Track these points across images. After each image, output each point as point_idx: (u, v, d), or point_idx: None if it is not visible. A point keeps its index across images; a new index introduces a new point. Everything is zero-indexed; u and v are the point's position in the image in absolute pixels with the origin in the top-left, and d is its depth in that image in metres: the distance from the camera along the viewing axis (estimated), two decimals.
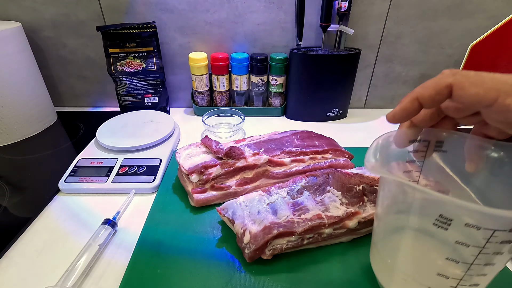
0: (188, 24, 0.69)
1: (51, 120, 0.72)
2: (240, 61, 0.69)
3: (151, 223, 0.43)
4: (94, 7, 0.67)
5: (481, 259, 0.23)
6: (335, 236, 0.39)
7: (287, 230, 0.36)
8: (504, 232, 0.21)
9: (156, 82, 0.71)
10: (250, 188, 0.47)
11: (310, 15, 0.67)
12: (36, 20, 0.68)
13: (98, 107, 0.80)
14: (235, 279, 0.35)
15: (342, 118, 0.76)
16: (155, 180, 0.50)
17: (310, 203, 0.40)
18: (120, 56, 0.69)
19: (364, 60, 0.73)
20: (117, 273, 0.37)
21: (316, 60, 0.66)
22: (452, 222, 0.22)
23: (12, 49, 0.61)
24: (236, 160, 0.47)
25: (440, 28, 0.69)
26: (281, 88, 0.72)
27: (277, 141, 0.54)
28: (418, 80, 0.76)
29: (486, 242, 0.22)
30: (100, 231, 0.40)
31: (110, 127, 0.62)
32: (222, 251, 0.39)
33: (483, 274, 0.25)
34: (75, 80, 0.76)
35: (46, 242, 0.41)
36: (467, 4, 0.66)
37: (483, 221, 0.21)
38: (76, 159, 0.54)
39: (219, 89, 0.73)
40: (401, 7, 0.67)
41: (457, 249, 0.23)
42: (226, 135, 0.65)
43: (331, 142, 0.56)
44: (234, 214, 0.40)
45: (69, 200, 0.48)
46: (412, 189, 0.24)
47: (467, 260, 0.24)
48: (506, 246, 0.22)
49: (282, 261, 0.38)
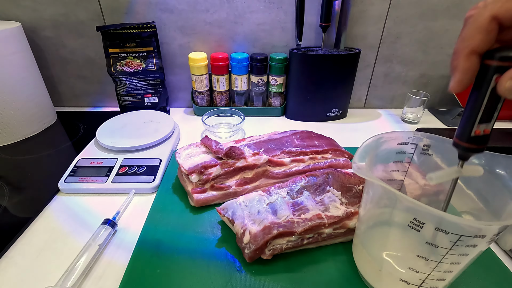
0: (188, 24, 0.69)
1: (51, 120, 0.72)
2: (240, 61, 0.69)
3: (151, 223, 0.43)
4: (94, 7, 0.67)
5: (447, 259, 0.26)
6: (335, 236, 0.39)
7: (287, 230, 0.36)
8: (469, 238, 0.24)
9: (156, 82, 0.71)
10: (250, 188, 0.47)
11: (310, 15, 0.67)
12: (36, 20, 0.68)
13: (98, 107, 0.80)
14: (235, 279, 0.35)
15: (342, 118, 0.76)
16: (155, 180, 0.50)
17: (310, 203, 0.40)
18: (120, 56, 0.69)
19: (364, 60, 0.73)
20: (117, 273, 0.37)
21: (316, 60, 0.66)
22: (424, 225, 0.25)
23: (12, 49, 0.61)
24: (236, 160, 0.47)
25: (440, 28, 0.69)
26: (281, 88, 0.72)
27: (277, 141, 0.54)
28: (418, 80, 0.76)
29: (453, 245, 0.25)
30: (100, 231, 0.40)
31: (110, 127, 0.62)
32: (222, 251, 0.39)
33: (449, 271, 0.27)
34: (75, 80, 0.76)
35: (46, 242, 0.41)
36: (467, 4, 0.66)
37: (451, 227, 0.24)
38: (76, 159, 0.54)
39: (219, 89, 0.73)
40: (401, 7, 0.67)
41: (427, 249, 0.26)
42: (226, 135, 0.65)
43: (331, 142, 0.56)
44: (234, 214, 0.40)
45: (69, 200, 0.48)
46: (392, 194, 0.25)
47: (435, 258, 0.26)
48: (471, 249, 0.25)
49: (282, 261, 0.38)
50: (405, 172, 0.36)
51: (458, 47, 0.20)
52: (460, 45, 0.20)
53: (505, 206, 0.28)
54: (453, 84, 0.21)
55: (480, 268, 0.36)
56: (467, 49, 0.20)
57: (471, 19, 0.20)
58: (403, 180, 0.36)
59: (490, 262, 0.38)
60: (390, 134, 0.33)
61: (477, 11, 0.19)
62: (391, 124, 0.73)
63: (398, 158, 0.35)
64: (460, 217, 0.23)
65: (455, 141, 0.24)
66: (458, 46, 0.20)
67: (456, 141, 0.24)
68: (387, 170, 0.35)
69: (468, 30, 0.20)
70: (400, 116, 0.76)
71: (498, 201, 0.29)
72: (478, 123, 0.22)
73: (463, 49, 0.20)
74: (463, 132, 0.23)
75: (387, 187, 0.25)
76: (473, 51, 0.20)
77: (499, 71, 0.20)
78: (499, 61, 0.19)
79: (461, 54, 0.20)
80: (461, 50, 0.20)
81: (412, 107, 0.71)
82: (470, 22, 0.20)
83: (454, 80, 0.21)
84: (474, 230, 0.24)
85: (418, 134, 0.34)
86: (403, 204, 0.27)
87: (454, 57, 0.21)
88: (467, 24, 0.20)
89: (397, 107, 0.80)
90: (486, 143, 0.23)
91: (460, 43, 0.20)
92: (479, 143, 0.23)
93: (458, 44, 0.20)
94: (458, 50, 0.20)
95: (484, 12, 0.19)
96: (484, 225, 0.24)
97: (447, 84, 0.76)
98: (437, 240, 0.25)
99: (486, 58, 0.20)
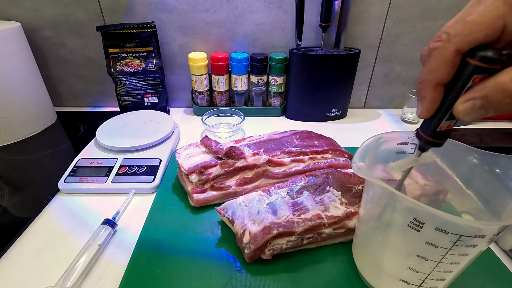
0: (187, 24, 0.69)
1: (50, 120, 0.72)
2: (239, 61, 0.69)
3: (151, 223, 0.43)
4: (94, 7, 0.67)
5: (447, 259, 0.26)
6: (334, 236, 0.39)
7: (287, 230, 0.36)
8: (469, 238, 0.24)
9: (156, 82, 0.71)
10: (249, 188, 0.47)
11: (310, 15, 0.67)
12: (35, 20, 0.68)
13: (98, 107, 0.80)
14: (235, 279, 0.35)
15: (341, 118, 0.76)
16: (155, 180, 0.50)
17: (310, 203, 0.40)
18: (119, 56, 0.69)
19: (364, 60, 0.73)
20: (116, 273, 0.37)
21: (315, 60, 0.66)
22: (424, 225, 0.25)
23: (11, 49, 0.60)
24: (236, 160, 0.47)
25: (440, 28, 0.69)
26: (281, 88, 0.72)
27: (276, 141, 0.54)
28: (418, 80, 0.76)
29: (453, 245, 0.25)
30: (100, 231, 0.40)
31: (109, 127, 0.62)
32: (222, 251, 0.39)
33: (449, 271, 0.27)
34: (74, 80, 0.76)
35: (46, 242, 0.41)
36: (466, 4, 0.66)
37: (451, 227, 0.24)
38: (76, 159, 0.54)
39: (219, 89, 0.73)
40: (400, 7, 0.67)
41: (427, 249, 0.26)
42: (225, 135, 0.65)
43: (331, 142, 0.56)
44: (234, 214, 0.40)
45: (69, 200, 0.48)
46: (392, 194, 0.26)
47: (435, 258, 0.26)
48: (471, 249, 0.25)
49: (281, 261, 0.38)
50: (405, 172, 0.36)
51: (424, 78, 0.22)
52: (426, 76, 0.22)
53: (505, 206, 0.28)
54: (422, 112, 0.23)
55: (480, 268, 0.36)
56: (434, 80, 0.21)
57: (437, 52, 0.21)
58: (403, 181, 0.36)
59: (490, 262, 0.38)
60: (390, 134, 0.33)
61: (441, 44, 0.20)
62: (391, 124, 0.73)
63: (398, 158, 0.35)
64: (460, 217, 0.23)
65: (419, 133, 0.25)
66: (424, 77, 0.22)
67: (420, 133, 0.25)
68: (386, 170, 0.35)
69: (434, 62, 0.21)
70: (400, 116, 0.76)
71: (498, 201, 0.29)
72: (446, 119, 0.22)
73: (429, 81, 0.21)
74: (428, 125, 0.24)
75: (386, 187, 0.25)
76: (439, 83, 0.21)
77: (479, 71, 0.19)
78: (480, 62, 0.19)
79: (428, 85, 0.22)
80: (428, 81, 0.22)
81: (412, 107, 0.71)
82: (436, 54, 0.21)
83: (422, 108, 0.23)
84: (474, 230, 0.24)
85: None
86: (403, 204, 0.27)
87: (421, 87, 0.22)
88: (433, 57, 0.21)
89: (397, 107, 0.80)
90: (447, 138, 0.24)
91: (426, 74, 0.22)
92: (441, 138, 0.24)
93: (425, 75, 0.22)
94: (425, 81, 0.22)
95: (449, 46, 0.20)
96: (484, 225, 0.24)
97: None
98: (437, 240, 0.25)
99: (468, 56, 0.20)
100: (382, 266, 0.31)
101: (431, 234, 0.25)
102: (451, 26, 0.20)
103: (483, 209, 0.30)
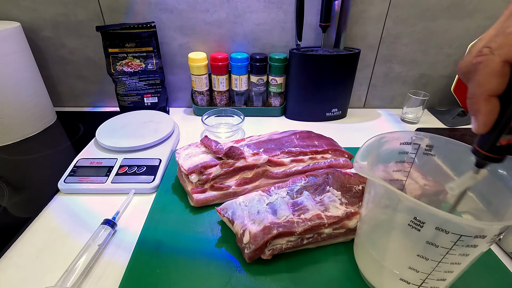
0: (187, 24, 0.69)
1: (50, 120, 0.72)
2: (239, 61, 0.69)
3: (151, 223, 0.43)
4: (94, 7, 0.67)
5: (448, 259, 0.26)
6: (334, 236, 0.39)
7: (287, 230, 0.36)
8: (470, 238, 0.24)
9: (156, 82, 0.71)
10: (249, 188, 0.47)
11: (310, 15, 0.67)
12: (35, 20, 0.68)
13: (98, 107, 0.80)
14: (234, 279, 0.35)
15: (341, 118, 0.76)
16: (155, 180, 0.50)
17: (310, 203, 0.40)
18: (119, 56, 0.69)
19: (364, 60, 0.73)
20: (116, 273, 0.37)
21: (315, 60, 0.66)
22: (424, 225, 0.25)
23: (11, 49, 0.60)
24: (236, 160, 0.47)
25: (440, 28, 0.69)
26: (281, 88, 0.72)
27: (276, 141, 0.54)
28: (418, 80, 0.76)
29: (454, 244, 0.25)
30: (100, 231, 0.40)
31: (109, 127, 0.62)
32: (221, 251, 0.39)
33: (449, 271, 0.27)
34: (74, 80, 0.76)
35: (46, 242, 0.41)
36: (466, 4, 0.66)
37: (452, 227, 0.24)
38: (76, 159, 0.54)
39: (219, 89, 0.73)
40: (400, 7, 0.67)
41: (427, 248, 0.26)
42: (225, 135, 0.65)
43: (331, 142, 0.56)
44: (234, 214, 0.40)
45: (69, 200, 0.48)
46: (393, 193, 0.26)
47: (436, 258, 0.26)
48: (471, 249, 0.25)
49: (281, 261, 0.38)
50: (407, 172, 0.35)
51: (474, 92, 0.21)
52: (476, 90, 0.21)
53: (507, 207, 0.28)
54: (478, 127, 0.22)
55: (482, 270, 0.36)
56: (485, 93, 0.21)
57: (482, 65, 0.21)
58: (405, 180, 0.36)
59: (492, 264, 0.38)
60: (392, 134, 0.33)
61: (485, 57, 0.20)
62: (391, 124, 0.73)
63: (399, 158, 0.35)
64: (461, 217, 0.23)
65: (476, 148, 0.23)
66: (474, 91, 0.21)
67: (477, 149, 0.23)
68: (388, 170, 0.35)
69: (481, 76, 0.21)
70: (399, 116, 0.76)
71: (500, 202, 0.29)
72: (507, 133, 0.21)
73: (481, 94, 0.21)
74: (486, 140, 0.22)
75: (388, 187, 0.25)
76: (491, 95, 0.21)
77: None
78: None
79: (480, 99, 0.21)
80: (479, 95, 0.21)
81: (412, 107, 0.71)
82: (482, 68, 0.21)
83: (479, 123, 0.22)
84: (475, 230, 0.24)
85: (421, 135, 0.33)
86: (404, 203, 0.27)
87: (472, 101, 0.22)
88: (479, 70, 0.21)
89: (396, 107, 0.80)
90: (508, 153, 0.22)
91: (475, 88, 0.21)
92: (502, 153, 0.22)
93: (474, 89, 0.21)
94: (475, 95, 0.21)
95: (494, 58, 0.20)
96: (485, 225, 0.24)
97: (446, 84, 0.77)
98: (437, 240, 0.25)
99: None
100: (383, 265, 0.31)
101: (432, 234, 0.25)
102: (491, 40, 0.21)
103: (484, 209, 0.30)
